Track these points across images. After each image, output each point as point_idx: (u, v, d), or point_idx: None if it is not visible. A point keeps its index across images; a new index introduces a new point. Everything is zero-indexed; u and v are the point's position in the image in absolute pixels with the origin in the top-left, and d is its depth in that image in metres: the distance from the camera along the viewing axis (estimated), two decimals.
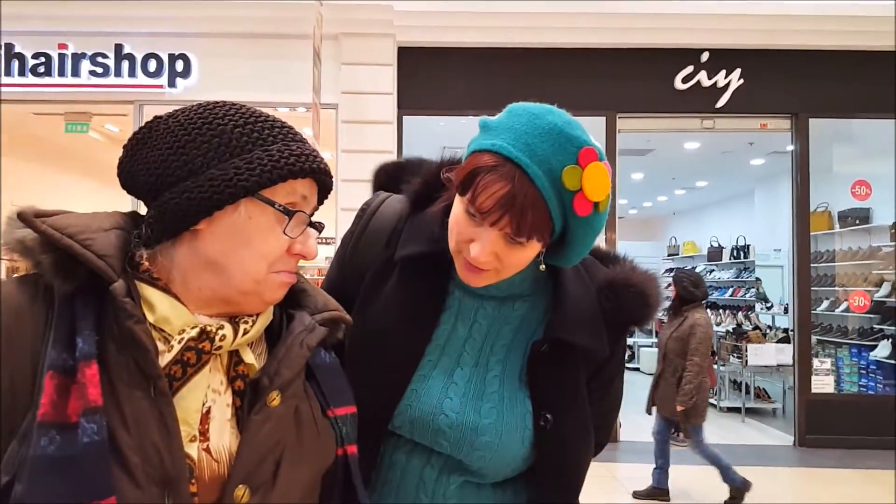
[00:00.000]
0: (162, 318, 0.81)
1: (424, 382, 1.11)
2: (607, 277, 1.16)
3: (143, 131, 0.86)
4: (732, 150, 8.82)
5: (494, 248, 1.00)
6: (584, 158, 0.96)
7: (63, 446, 0.69)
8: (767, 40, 6.30)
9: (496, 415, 1.09)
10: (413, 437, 1.12)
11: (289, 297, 0.94)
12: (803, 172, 6.56)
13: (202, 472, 0.80)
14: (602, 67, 6.38)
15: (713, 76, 6.37)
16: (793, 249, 6.69)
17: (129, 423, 0.74)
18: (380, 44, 6.15)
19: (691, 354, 4.78)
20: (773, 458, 6.11)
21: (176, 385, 0.80)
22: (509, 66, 6.32)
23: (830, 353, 7.02)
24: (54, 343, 0.74)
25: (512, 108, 1.02)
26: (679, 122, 6.66)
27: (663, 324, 5.40)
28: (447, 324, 1.15)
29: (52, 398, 0.71)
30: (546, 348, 1.11)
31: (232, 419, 0.85)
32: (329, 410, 0.95)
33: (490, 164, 0.96)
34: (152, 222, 0.83)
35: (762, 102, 6.45)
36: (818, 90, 6.44)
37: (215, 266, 0.83)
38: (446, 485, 1.11)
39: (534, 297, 1.18)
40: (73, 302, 0.77)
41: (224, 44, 6.12)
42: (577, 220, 0.98)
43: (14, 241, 0.78)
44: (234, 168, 0.82)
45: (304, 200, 0.89)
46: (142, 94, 6.16)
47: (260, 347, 0.93)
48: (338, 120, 6.17)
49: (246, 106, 0.89)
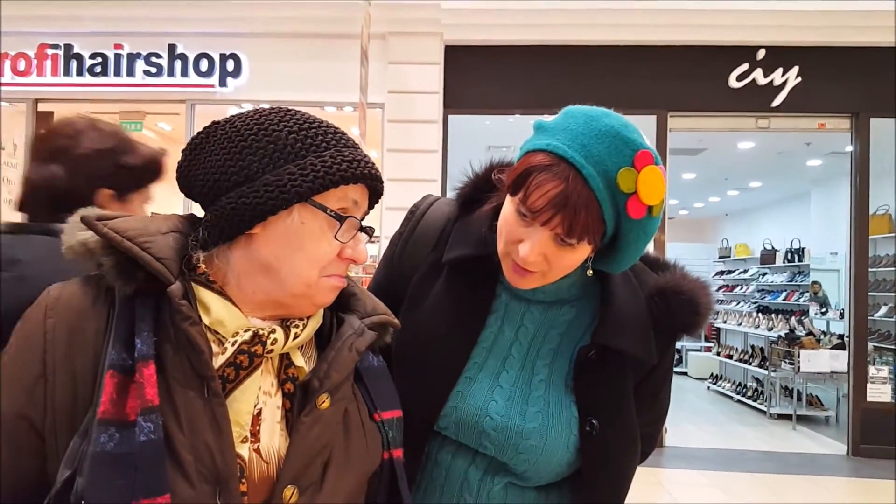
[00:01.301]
0: (217, 321, 0.83)
1: (470, 385, 1.11)
2: (658, 284, 1.15)
3: (200, 136, 0.88)
4: (788, 150, 8.58)
5: (543, 248, 0.99)
6: (640, 161, 0.95)
7: (121, 443, 0.71)
8: (826, 37, 6.10)
9: (541, 419, 1.09)
10: (458, 438, 1.13)
11: (339, 301, 0.95)
12: (863, 174, 6.34)
13: (252, 472, 0.81)
14: (653, 65, 6.27)
15: (769, 74, 6.20)
16: (850, 253, 6.47)
17: (183, 423, 0.75)
18: (426, 42, 6.16)
19: None
20: (824, 468, 5.93)
21: (229, 387, 0.81)
22: (556, 65, 6.27)
23: (888, 360, 6.78)
24: (114, 343, 0.76)
25: (568, 110, 1.02)
26: (733, 121, 6.49)
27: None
28: (493, 327, 1.15)
29: (111, 396, 0.73)
30: (593, 354, 1.10)
31: (281, 421, 0.86)
32: (376, 414, 0.97)
33: (544, 163, 0.96)
34: (209, 226, 0.85)
35: (820, 101, 6.25)
36: (879, 88, 6.20)
37: (269, 269, 0.85)
38: (490, 485, 1.11)
39: (581, 302, 1.17)
40: (133, 303, 0.79)
41: (273, 44, 6.21)
42: (629, 224, 0.97)
43: (77, 243, 0.81)
44: (289, 174, 0.83)
45: (356, 206, 0.90)
46: (194, 94, 6.30)
47: (310, 350, 0.95)
48: (384, 119, 6.20)
49: (300, 112, 0.90)
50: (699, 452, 6.19)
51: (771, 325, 9.29)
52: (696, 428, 7.39)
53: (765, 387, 8.60)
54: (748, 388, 9.20)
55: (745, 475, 5.14)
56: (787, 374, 8.12)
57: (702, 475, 5.53)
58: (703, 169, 10.03)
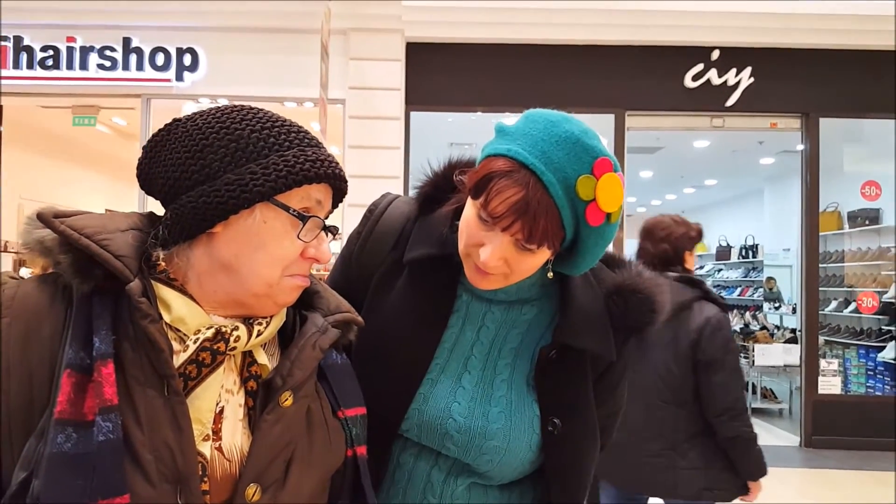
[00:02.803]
0: (178, 318, 0.82)
1: (433, 387, 1.12)
2: (615, 282, 1.17)
3: (161, 133, 0.87)
4: (742, 148, 8.79)
5: (504, 253, 1.00)
6: (599, 169, 0.96)
7: (79, 444, 0.70)
8: (778, 39, 6.27)
9: (504, 419, 1.09)
10: (420, 440, 1.13)
11: (302, 299, 0.95)
12: (813, 172, 6.53)
13: (214, 470, 0.81)
14: (611, 64, 6.36)
15: (723, 74, 6.33)
16: (802, 249, 6.66)
17: (142, 422, 0.74)
18: (388, 39, 6.14)
19: None
20: (778, 459, 6.09)
21: (191, 384, 0.81)
22: (517, 63, 6.31)
23: (838, 353, 6.99)
24: (72, 342, 0.75)
25: (529, 114, 1.02)
26: (688, 120, 6.63)
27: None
28: (455, 327, 1.15)
29: (69, 396, 0.72)
30: (554, 354, 1.11)
31: (244, 419, 0.86)
32: (340, 411, 0.96)
33: (505, 169, 0.96)
34: (169, 224, 0.84)
35: (772, 101, 6.42)
36: (829, 89, 6.40)
37: (230, 269, 0.84)
38: (454, 486, 1.12)
39: (542, 301, 1.18)
40: (91, 301, 0.78)
41: (232, 38, 6.12)
42: (588, 230, 0.99)
43: (33, 241, 0.80)
44: (251, 173, 0.82)
45: (319, 205, 0.90)
46: (149, 88, 6.17)
47: (272, 348, 0.94)
48: (345, 115, 6.16)
49: (263, 110, 0.89)
50: None
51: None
52: None
53: None
54: None
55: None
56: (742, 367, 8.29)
57: None
58: (661, 167, 10.20)
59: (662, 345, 2.48)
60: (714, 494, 2.44)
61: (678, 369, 2.46)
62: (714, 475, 2.43)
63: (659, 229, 2.63)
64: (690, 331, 2.46)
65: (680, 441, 2.45)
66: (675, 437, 2.46)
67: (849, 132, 7.03)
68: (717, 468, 2.44)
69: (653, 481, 2.48)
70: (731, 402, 2.41)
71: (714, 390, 2.41)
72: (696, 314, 2.48)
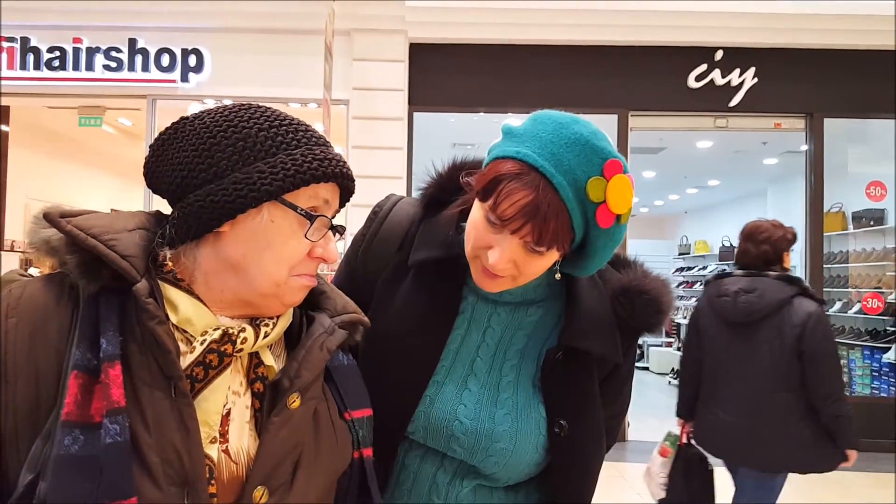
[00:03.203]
0: (185, 319, 0.81)
1: (439, 389, 1.11)
2: (621, 284, 1.16)
3: (168, 132, 0.86)
4: (745, 149, 8.76)
5: (513, 255, 1.00)
6: (609, 170, 0.95)
7: (86, 446, 0.70)
8: (782, 39, 6.25)
9: (510, 421, 1.09)
10: (426, 442, 1.12)
11: (308, 299, 0.94)
12: (817, 172, 6.51)
13: (221, 473, 0.80)
14: (614, 65, 6.35)
15: (727, 75, 6.32)
16: (805, 250, 6.64)
17: (149, 424, 0.74)
18: (391, 40, 6.14)
19: None
20: None
21: (198, 386, 0.80)
22: (521, 63, 6.31)
23: (842, 354, 6.97)
24: (78, 343, 0.74)
25: (537, 115, 1.02)
26: (692, 120, 6.61)
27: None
28: (460, 329, 1.15)
29: (76, 398, 0.71)
30: (560, 355, 1.10)
31: (250, 421, 0.85)
32: (346, 413, 0.96)
33: (514, 171, 0.96)
34: (176, 223, 0.83)
35: (776, 102, 6.40)
36: (833, 90, 6.38)
37: (237, 268, 0.84)
38: (459, 488, 1.12)
39: (547, 302, 1.17)
40: (98, 301, 0.77)
41: (236, 39, 6.14)
42: (597, 232, 0.98)
43: (40, 241, 0.79)
44: (258, 172, 0.82)
45: (326, 204, 0.89)
46: (155, 89, 6.19)
47: (278, 349, 0.94)
48: (348, 116, 6.17)
49: (271, 109, 0.89)
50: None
51: None
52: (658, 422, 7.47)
53: None
54: None
55: None
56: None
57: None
58: (663, 167, 10.18)
59: (768, 338, 2.84)
60: (822, 465, 2.90)
61: (784, 360, 2.82)
62: (820, 449, 2.85)
63: (759, 233, 2.97)
64: (794, 325, 2.80)
65: (792, 423, 2.83)
66: (787, 419, 2.83)
67: (853, 132, 7.00)
68: (822, 443, 2.84)
69: (770, 458, 2.90)
70: (833, 387, 2.80)
71: (818, 378, 2.79)
72: (797, 309, 2.83)
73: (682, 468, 3.08)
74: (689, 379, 3.15)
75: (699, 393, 3.09)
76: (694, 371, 3.12)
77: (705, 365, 3.07)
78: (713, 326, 3.04)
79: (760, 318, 2.86)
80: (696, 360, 3.11)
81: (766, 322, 2.86)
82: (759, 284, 2.89)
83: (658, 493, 3.12)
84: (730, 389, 2.94)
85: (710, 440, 3.05)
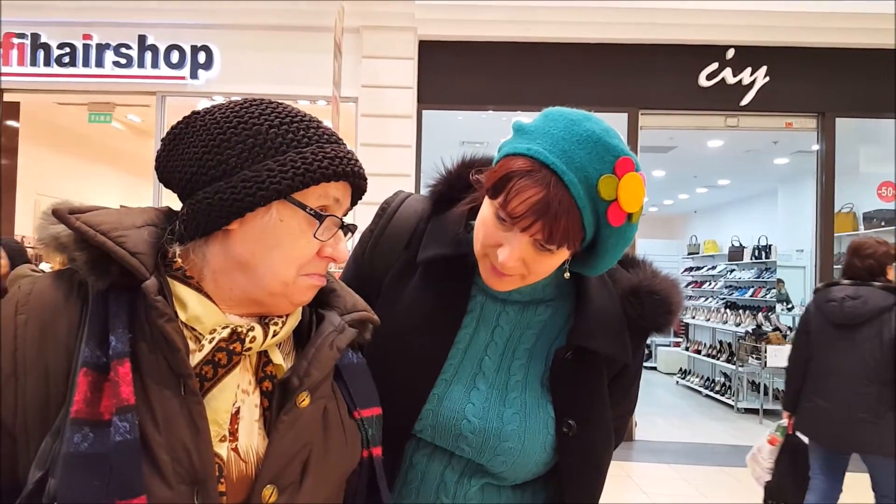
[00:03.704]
0: (194, 317, 0.81)
1: (447, 388, 1.11)
2: (631, 284, 1.15)
3: (179, 127, 0.86)
4: (756, 148, 8.72)
5: (523, 253, 0.99)
6: (621, 168, 0.94)
7: (96, 444, 0.69)
8: (794, 38, 6.22)
9: (519, 420, 1.08)
10: (434, 441, 1.12)
11: (318, 297, 0.93)
12: (828, 172, 6.47)
13: (230, 472, 0.80)
14: (625, 63, 6.33)
15: (738, 73, 6.29)
16: (816, 250, 6.60)
17: (159, 422, 0.74)
18: (401, 37, 6.14)
19: None
20: None
21: (207, 385, 0.80)
22: (530, 61, 6.29)
23: None
24: (88, 340, 0.74)
25: (548, 112, 1.00)
26: (702, 119, 6.58)
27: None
28: (469, 327, 1.14)
29: (85, 395, 0.71)
30: (569, 355, 1.10)
31: (259, 420, 0.85)
32: (356, 412, 0.95)
33: (525, 168, 0.95)
34: (185, 220, 0.83)
35: (788, 101, 6.37)
36: (845, 89, 6.34)
37: (245, 267, 0.83)
38: (467, 487, 1.11)
39: (557, 301, 1.17)
40: (107, 298, 0.77)
41: (246, 36, 6.15)
42: (609, 230, 0.97)
43: (49, 237, 0.79)
44: (267, 170, 0.81)
45: (337, 203, 0.88)
46: (164, 86, 6.21)
47: (287, 347, 0.93)
48: (357, 113, 6.17)
49: (283, 104, 0.88)
50: (668, 446, 6.27)
51: (738, 321, 9.44)
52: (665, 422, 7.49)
53: (732, 381, 8.74)
54: (716, 383, 9.35)
55: (713, 468, 5.23)
56: (754, 368, 8.27)
57: (670, 468, 5.62)
58: (673, 166, 10.15)
59: (869, 338, 3.27)
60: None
61: (882, 356, 3.23)
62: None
63: (864, 249, 3.42)
64: (893, 328, 3.23)
65: (883, 411, 3.23)
66: (879, 408, 3.24)
67: (865, 132, 6.95)
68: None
69: (860, 441, 3.31)
70: None
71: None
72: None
73: (788, 455, 3.58)
74: (797, 375, 3.56)
75: (803, 388, 3.51)
76: (802, 368, 3.52)
77: (812, 362, 3.48)
78: (821, 328, 3.45)
79: (863, 321, 3.29)
80: (805, 358, 3.51)
81: (867, 325, 3.29)
82: (864, 292, 3.33)
83: (764, 476, 3.63)
84: (832, 381, 3.36)
85: (810, 427, 3.49)
